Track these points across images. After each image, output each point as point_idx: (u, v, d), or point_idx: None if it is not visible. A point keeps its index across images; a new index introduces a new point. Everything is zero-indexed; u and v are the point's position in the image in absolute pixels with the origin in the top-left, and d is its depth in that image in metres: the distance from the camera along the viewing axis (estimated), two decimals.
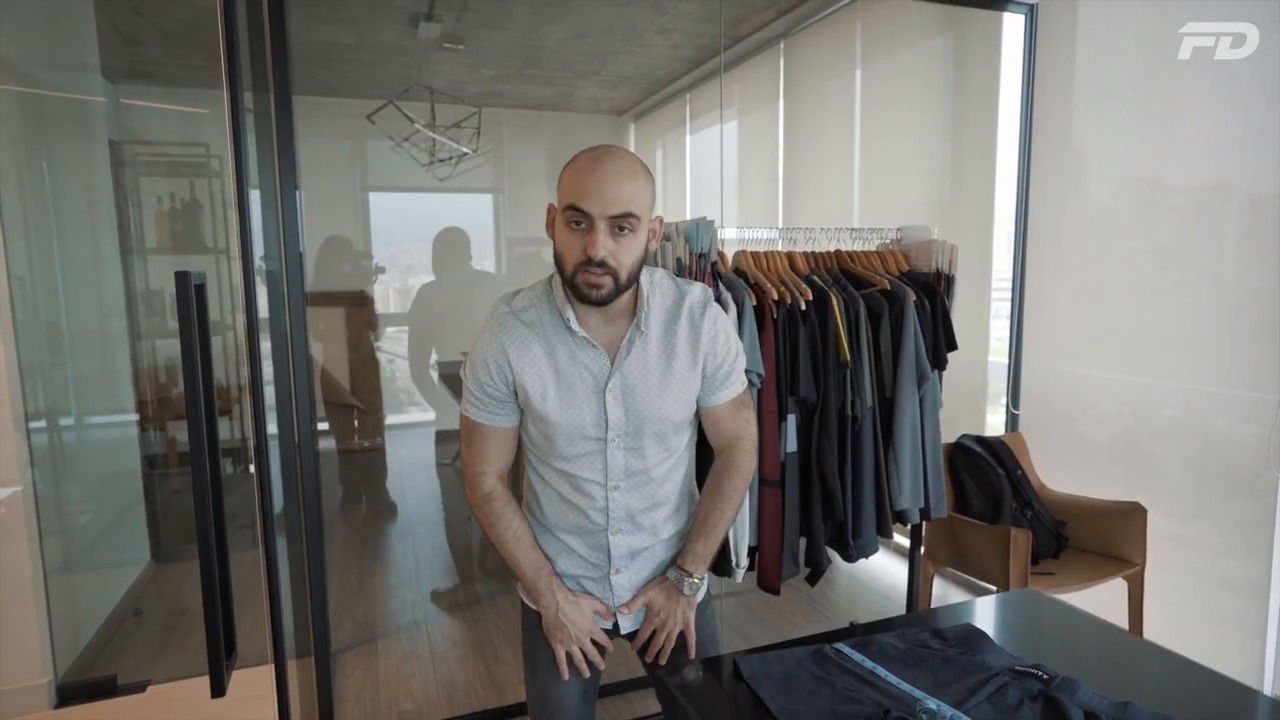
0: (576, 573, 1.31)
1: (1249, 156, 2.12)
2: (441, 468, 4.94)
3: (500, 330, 1.21)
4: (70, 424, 2.81)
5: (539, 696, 1.34)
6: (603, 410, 1.20)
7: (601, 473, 1.23)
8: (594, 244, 1.10)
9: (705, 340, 1.24)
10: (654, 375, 1.21)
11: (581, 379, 1.20)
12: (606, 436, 1.21)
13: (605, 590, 1.31)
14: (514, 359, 1.20)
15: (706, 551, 1.30)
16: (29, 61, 2.66)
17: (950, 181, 3.21)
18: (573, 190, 1.12)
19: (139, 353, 3.48)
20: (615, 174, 1.11)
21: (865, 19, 3.41)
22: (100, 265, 3.16)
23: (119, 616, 2.86)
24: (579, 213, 1.11)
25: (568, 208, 1.12)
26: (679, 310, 1.24)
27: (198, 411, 1.23)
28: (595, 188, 1.10)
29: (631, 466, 1.23)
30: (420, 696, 2.44)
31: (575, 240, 1.13)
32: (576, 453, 1.22)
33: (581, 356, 1.20)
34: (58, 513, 2.59)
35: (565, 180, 1.15)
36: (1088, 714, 0.98)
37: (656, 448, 1.24)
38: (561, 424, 1.20)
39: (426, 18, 3.43)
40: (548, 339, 1.21)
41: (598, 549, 1.28)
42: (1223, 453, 2.23)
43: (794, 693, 1.07)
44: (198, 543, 1.26)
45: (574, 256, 1.13)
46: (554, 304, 1.21)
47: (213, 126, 3.80)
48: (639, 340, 1.21)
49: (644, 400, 1.21)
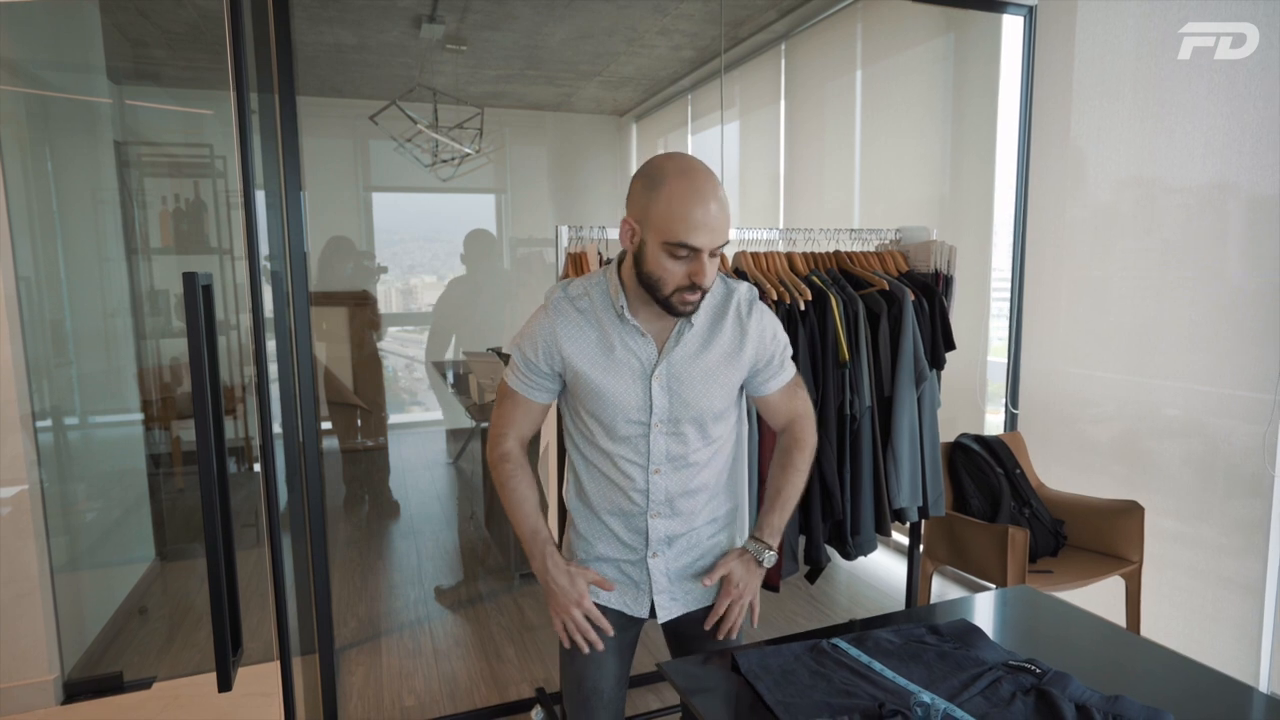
0: (615, 556, 1.34)
1: (1248, 156, 2.13)
2: (448, 467, 4.98)
3: (555, 313, 1.27)
4: (75, 423, 2.83)
5: (575, 681, 1.37)
6: (648, 396, 1.25)
7: (644, 455, 1.27)
8: (703, 274, 1.15)
9: (753, 335, 1.30)
10: (699, 366, 1.27)
11: (630, 365, 1.25)
12: (650, 421, 1.26)
13: (642, 574, 1.33)
14: (564, 341, 1.26)
15: (781, 523, 1.36)
16: (35, 63, 2.68)
17: (950, 182, 3.23)
18: (679, 226, 1.12)
19: (144, 352, 3.50)
20: (720, 210, 1.14)
21: (865, 20, 3.42)
22: (105, 265, 3.18)
23: (124, 614, 2.88)
24: (688, 249, 1.13)
25: (676, 244, 1.13)
26: (726, 306, 1.30)
27: (205, 411, 1.25)
28: (705, 224, 1.12)
29: (673, 451, 1.28)
30: (423, 693, 2.46)
31: (678, 267, 1.15)
32: (621, 435, 1.27)
33: (631, 344, 1.25)
34: (63, 511, 2.61)
35: (663, 210, 1.13)
36: (1080, 708, 1.00)
37: (697, 435, 1.29)
38: (609, 406, 1.25)
39: (429, 19, 3.45)
40: (600, 325, 1.26)
41: (636, 532, 1.32)
42: (1222, 452, 2.24)
43: (791, 687, 1.09)
44: (205, 540, 1.28)
45: (676, 282, 1.17)
46: (608, 293, 1.27)
47: (216, 127, 3.82)
48: (688, 332, 1.26)
49: (688, 389, 1.26)
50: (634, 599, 1.35)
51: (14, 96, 2.52)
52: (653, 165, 1.17)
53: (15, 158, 2.49)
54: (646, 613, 1.35)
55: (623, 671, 1.38)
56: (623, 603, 1.35)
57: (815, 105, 3.83)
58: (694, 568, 1.36)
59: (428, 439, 5.40)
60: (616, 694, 1.38)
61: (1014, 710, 1.01)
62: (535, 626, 2.88)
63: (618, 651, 1.36)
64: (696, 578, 1.36)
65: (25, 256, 2.41)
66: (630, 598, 1.35)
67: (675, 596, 1.35)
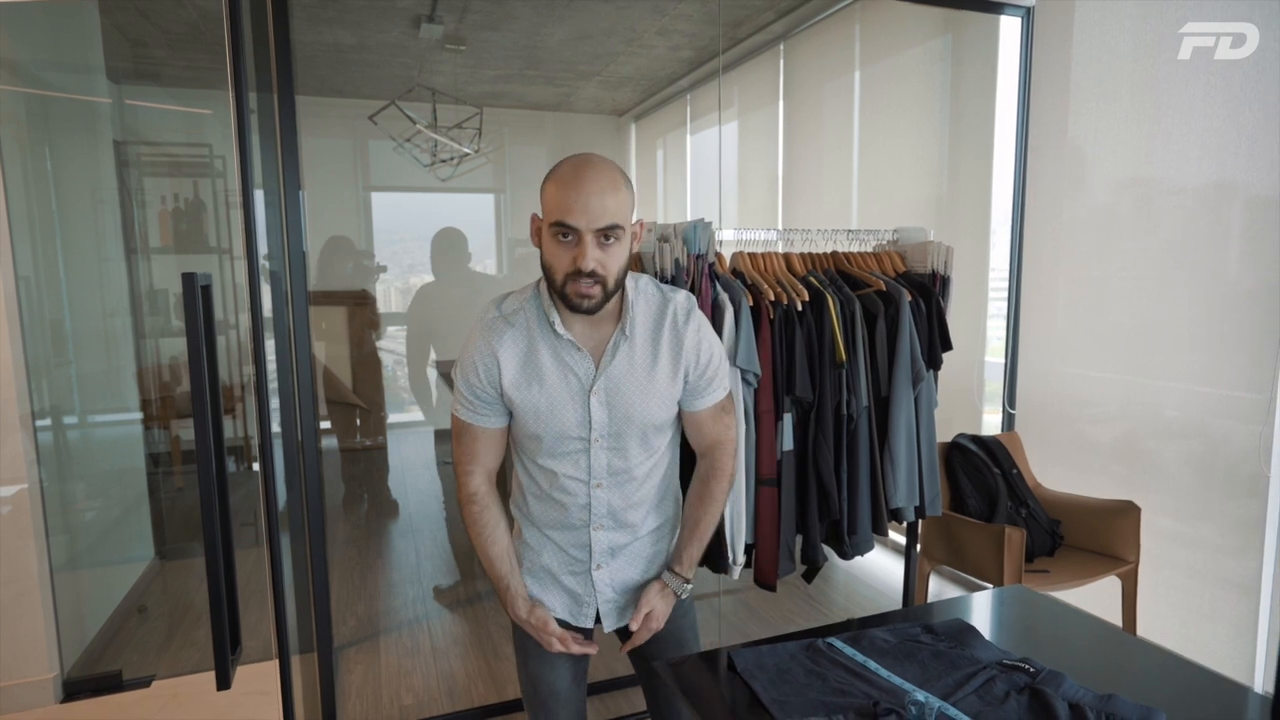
0: (559, 568, 1.33)
1: (1247, 157, 2.13)
2: (443, 467, 4.97)
3: (489, 333, 1.24)
4: (74, 422, 2.84)
5: (531, 684, 1.38)
6: (587, 412, 1.23)
7: (585, 471, 1.26)
8: (583, 256, 1.13)
9: (689, 346, 1.27)
10: (638, 379, 1.24)
11: (567, 381, 1.23)
12: (590, 437, 1.24)
13: (586, 585, 1.33)
14: (502, 360, 1.23)
15: (697, 554, 1.35)
16: (35, 64, 2.68)
17: (948, 182, 3.24)
18: (558, 206, 1.14)
19: (143, 351, 3.51)
20: (598, 188, 1.13)
21: (864, 21, 3.43)
22: (104, 265, 3.19)
23: (124, 613, 2.89)
24: (566, 227, 1.13)
25: (555, 224, 1.14)
26: (663, 316, 1.27)
27: (204, 410, 1.25)
28: (580, 203, 1.12)
29: (614, 466, 1.26)
30: (421, 691, 2.47)
31: (564, 252, 1.15)
32: (561, 451, 1.25)
33: (567, 359, 1.23)
34: (63, 510, 2.62)
35: (549, 194, 1.17)
36: (1073, 706, 1.01)
37: (639, 448, 1.27)
38: (547, 424, 1.23)
39: (428, 19, 3.45)
40: (534, 341, 1.23)
41: (580, 545, 1.31)
42: (1220, 452, 2.25)
43: (786, 685, 1.10)
44: (204, 539, 1.29)
45: (563, 268, 1.16)
46: (541, 307, 1.24)
47: (215, 127, 3.83)
48: (624, 344, 1.24)
49: (628, 403, 1.24)
50: (578, 610, 1.34)
51: (14, 96, 2.53)
52: (557, 163, 1.20)
53: (15, 158, 2.49)
54: (591, 623, 1.35)
55: (578, 670, 1.39)
56: (568, 613, 1.34)
57: (814, 106, 3.84)
58: (637, 579, 1.35)
59: (427, 439, 5.40)
60: (574, 692, 1.38)
61: (1008, 709, 1.02)
62: None
63: (568, 656, 1.36)
64: (639, 589, 1.35)
65: (25, 256, 2.41)
66: (575, 609, 1.34)
67: (620, 606, 1.35)
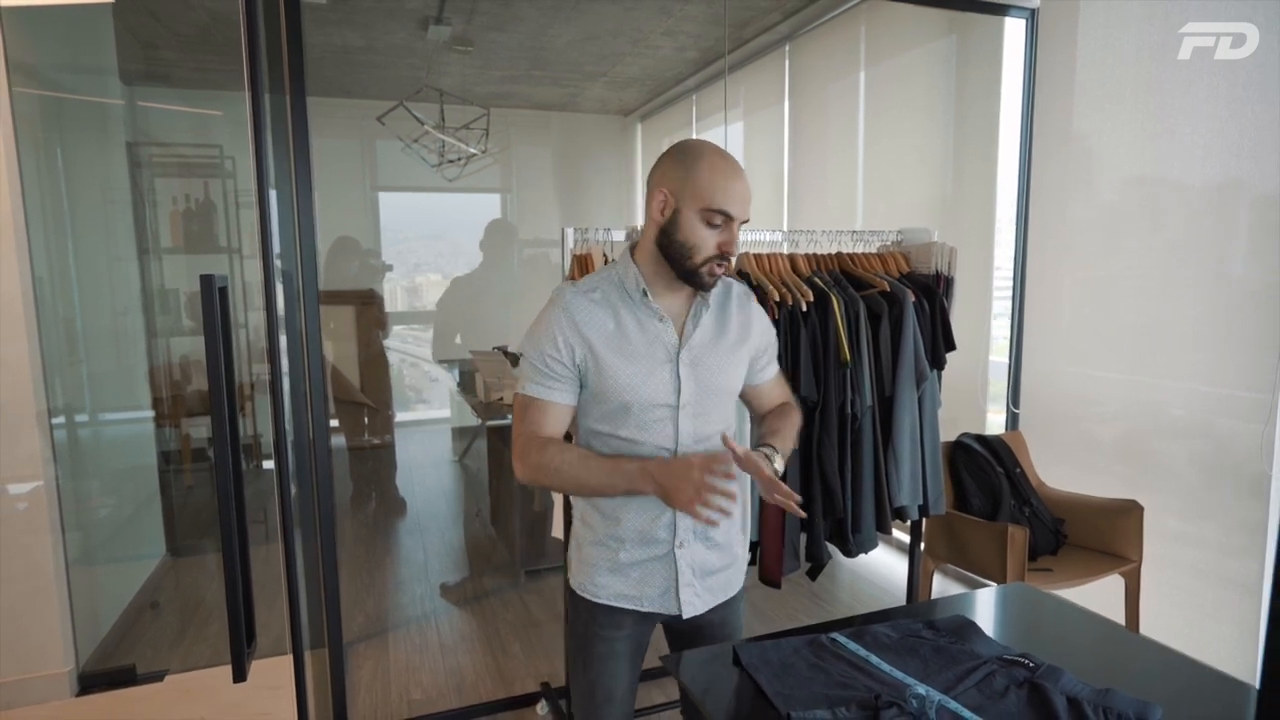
0: (641, 557, 1.31)
1: (1250, 158, 2.14)
2: (454, 463, 5.01)
3: (568, 306, 1.26)
4: (85, 421, 2.88)
5: (588, 688, 1.36)
6: (675, 379, 1.27)
7: (671, 439, 1.28)
8: (733, 243, 1.23)
9: (755, 322, 1.37)
10: (718, 347, 1.31)
11: (652, 349, 1.27)
12: (678, 403, 1.27)
13: (669, 569, 1.32)
14: (585, 328, 1.24)
15: (784, 445, 1.35)
16: (50, 66, 2.72)
17: (953, 182, 3.25)
18: (719, 194, 1.20)
19: (154, 350, 3.55)
20: (748, 184, 1.24)
21: (869, 22, 3.44)
22: (114, 264, 3.22)
23: (136, 608, 2.92)
24: (723, 215, 1.21)
25: (712, 209, 1.20)
26: (729, 295, 1.37)
27: (221, 409, 1.28)
28: (740, 195, 1.22)
29: (699, 432, 1.29)
30: (430, 687, 2.50)
31: (712, 236, 1.22)
32: (650, 420, 1.27)
33: (650, 328, 1.27)
34: (77, 507, 2.65)
35: (704, 179, 1.21)
36: (1070, 700, 1.02)
37: (718, 415, 1.32)
38: (639, 391, 1.25)
39: (436, 21, 3.48)
40: (616, 313, 1.27)
41: (666, 525, 1.30)
42: (1226, 452, 2.25)
43: (790, 679, 1.12)
44: (221, 535, 1.31)
45: (708, 250, 1.22)
46: (622, 284, 1.29)
47: (225, 128, 3.87)
48: (704, 314, 1.31)
49: (710, 370, 1.29)
50: (661, 595, 1.32)
51: (29, 98, 2.56)
52: (687, 143, 1.25)
53: (30, 158, 2.52)
54: (675, 608, 1.32)
55: (634, 676, 1.40)
56: (644, 600, 1.33)
57: (819, 106, 3.85)
58: (715, 565, 1.36)
59: (434, 437, 5.44)
60: (627, 698, 1.39)
61: (1007, 702, 1.04)
62: (541, 622, 2.92)
63: (630, 657, 1.37)
64: (715, 573, 1.36)
65: (38, 255, 2.45)
66: (652, 595, 1.32)
67: (699, 592, 1.34)
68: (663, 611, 1.34)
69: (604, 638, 1.35)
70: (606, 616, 1.34)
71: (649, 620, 1.37)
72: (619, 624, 1.34)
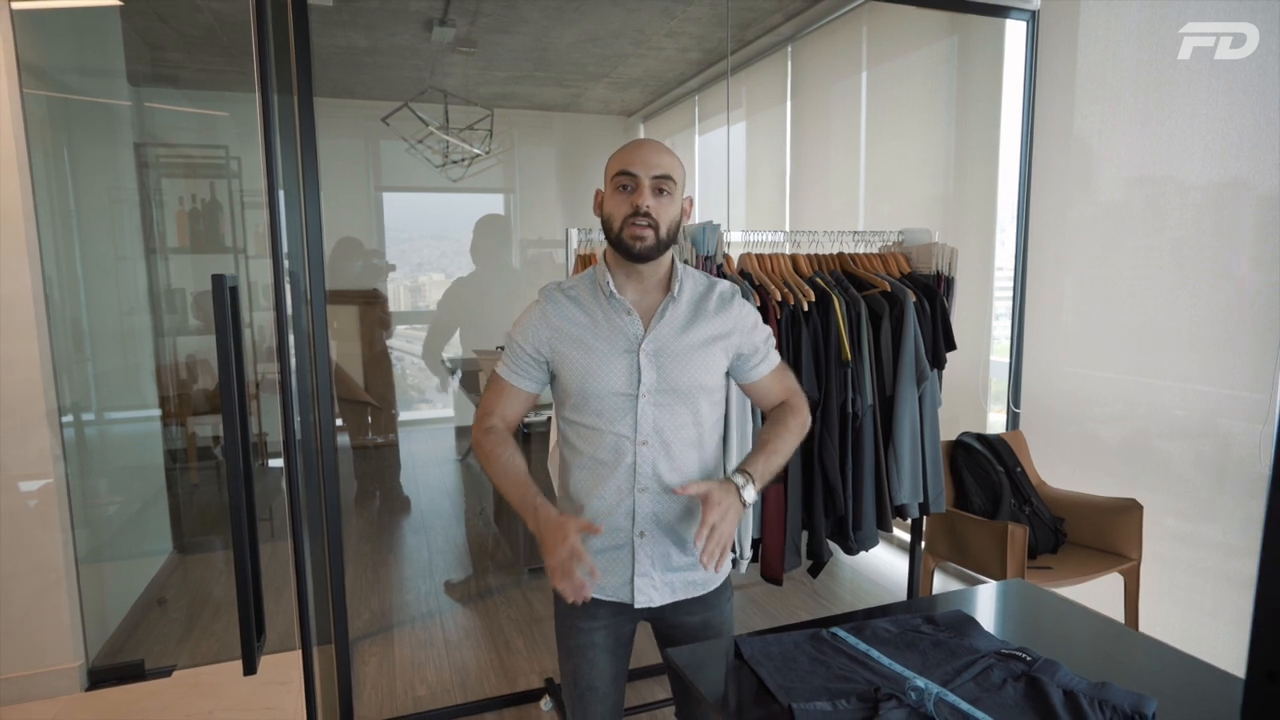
0: (604, 545, 1.35)
1: (1250, 158, 2.15)
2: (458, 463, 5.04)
3: (547, 301, 1.38)
4: (92, 419, 2.90)
5: (570, 678, 1.42)
6: (636, 369, 1.32)
7: (631, 427, 1.32)
8: (641, 196, 1.28)
9: (735, 320, 1.39)
10: (685, 341, 1.34)
11: (614, 339, 1.33)
12: (638, 392, 1.32)
13: (626, 559, 1.35)
14: (556, 321, 1.35)
15: (766, 469, 1.35)
16: (59, 68, 2.74)
17: (954, 182, 3.26)
18: (621, 160, 1.31)
19: (161, 349, 3.57)
20: (655, 148, 1.31)
21: (871, 24, 3.46)
22: (121, 264, 3.25)
23: (144, 604, 2.95)
24: (627, 175, 1.29)
25: (617, 174, 1.30)
26: (710, 293, 1.40)
27: (232, 407, 1.30)
28: (640, 156, 1.30)
29: (660, 423, 1.33)
30: (434, 683, 2.52)
31: (623, 200, 1.30)
32: (610, 408, 1.33)
33: (616, 320, 1.34)
34: (85, 504, 2.68)
35: (613, 159, 1.33)
36: (1067, 693, 1.05)
37: (686, 410, 1.34)
38: (597, 380, 1.32)
39: (440, 22, 3.50)
40: (587, 307, 1.36)
41: (625, 513, 1.34)
42: (1227, 451, 2.27)
43: (791, 672, 1.14)
44: (232, 531, 1.34)
45: (622, 213, 1.30)
46: (596, 282, 1.37)
47: (231, 129, 3.89)
48: (672, 308, 1.35)
49: (675, 363, 1.33)
50: (622, 585, 1.35)
51: (39, 100, 2.59)
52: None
53: (40, 160, 2.55)
54: (624, 597, 1.35)
55: (618, 669, 1.42)
56: (615, 591, 1.35)
57: (821, 107, 3.87)
58: (675, 559, 1.37)
59: (437, 436, 5.47)
60: (613, 689, 1.42)
61: (1004, 695, 1.06)
62: (544, 619, 2.94)
63: (610, 650, 1.39)
64: (681, 570, 1.37)
65: (47, 255, 2.47)
66: (609, 583, 1.35)
67: (656, 584, 1.35)
68: (623, 600, 1.36)
69: (580, 629, 1.38)
70: (581, 607, 1.36)
71: (625, 612, 1.38)
72: (593, 615, 1.38)
